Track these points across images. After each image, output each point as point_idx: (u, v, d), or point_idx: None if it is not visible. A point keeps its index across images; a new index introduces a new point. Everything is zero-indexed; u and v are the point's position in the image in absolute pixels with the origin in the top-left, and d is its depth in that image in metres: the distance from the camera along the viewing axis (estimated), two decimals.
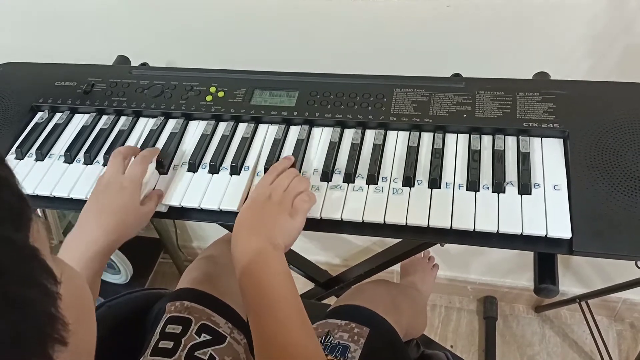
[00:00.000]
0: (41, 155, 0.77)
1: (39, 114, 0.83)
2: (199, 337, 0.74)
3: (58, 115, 0.82)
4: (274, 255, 0.60)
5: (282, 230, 0.63)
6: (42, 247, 0.30)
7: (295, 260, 1.18)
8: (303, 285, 1.26)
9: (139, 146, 0.77)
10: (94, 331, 0.38)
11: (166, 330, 0.75)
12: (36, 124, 0.81)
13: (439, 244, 0.82)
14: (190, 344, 0.73)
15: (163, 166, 0.73)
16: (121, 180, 0.67)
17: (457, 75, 0.78)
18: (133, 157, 0.71)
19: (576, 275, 1.41)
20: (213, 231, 1.51)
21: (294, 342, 0.55)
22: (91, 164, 0.75)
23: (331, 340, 0.77)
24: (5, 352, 0.25)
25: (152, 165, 0.71)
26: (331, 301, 0.99)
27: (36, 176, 0.74)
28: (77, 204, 0.72)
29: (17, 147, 0.78)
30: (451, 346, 1.47)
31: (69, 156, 0.76)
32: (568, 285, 1.44)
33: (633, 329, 1.45)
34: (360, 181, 0.68)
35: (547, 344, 1.46)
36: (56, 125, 0.81)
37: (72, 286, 0.32)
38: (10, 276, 0.27)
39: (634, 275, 1.15)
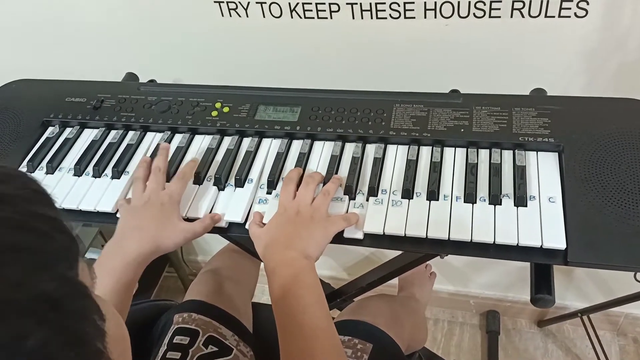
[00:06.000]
0: (51, 169, 0.79)
1: (50, 129, 0.85)
2: (206, 349, 0.76)
3: (68, 130, 0.85)
4: (308, 268, 0.62)
5: (316, 242, 0.64)
6: (89, 284, 0.32)
7: None
8: None
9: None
10: None
11: (174, 341, 0.76)
12: (47, 138, 0.83)
13: (439, 256, 0.83)
14: (198, 355, 0.75)
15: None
16: (161, 197, 0.69)
17: (455, 91, 0.80)
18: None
19: (579, 290, 1.41)
20: (218, 244, 1.52)
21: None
22: (99, 177, 0.77)
23: None
24: None
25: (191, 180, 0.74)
26: (334, 314, 1.00)
27: (46, 189, 0.76)
28: (85, 216, 0.74)
29: (29, 161, 0.80)
30: None
31: (79, 169, 0.78)
32: (571, 299, 1.44)
33: (636, 343, 1.45)
34: (360, 194, 0.70)
35: (550, 358, 1.45)
36: (66, 140, 0.83)
37: (114, 324, 0.33)
38: (68, 312, 0.28)
39: (636, 290, 1.16)
